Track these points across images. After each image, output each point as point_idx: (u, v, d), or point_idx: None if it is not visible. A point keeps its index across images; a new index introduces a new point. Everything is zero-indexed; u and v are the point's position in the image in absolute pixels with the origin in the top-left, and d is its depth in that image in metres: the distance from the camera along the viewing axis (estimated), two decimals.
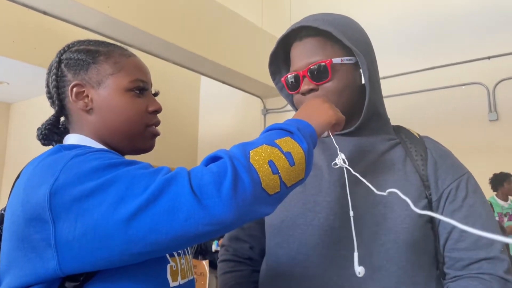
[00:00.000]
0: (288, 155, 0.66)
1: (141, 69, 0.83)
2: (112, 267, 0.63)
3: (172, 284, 0.72)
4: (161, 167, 0.64)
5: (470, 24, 4.75)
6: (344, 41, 0.84)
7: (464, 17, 4.80)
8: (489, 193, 4.20)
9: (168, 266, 0.72)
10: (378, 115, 0.92)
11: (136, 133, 0.80)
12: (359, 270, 0.72)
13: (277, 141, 0.67)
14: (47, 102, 0.84)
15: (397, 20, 5.20)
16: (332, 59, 0.86)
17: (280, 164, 0.65)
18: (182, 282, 0.76)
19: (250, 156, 0.63)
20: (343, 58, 0.87)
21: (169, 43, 4.29)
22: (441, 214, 0.86)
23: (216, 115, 6.84)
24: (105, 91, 0.78)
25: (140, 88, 0.81)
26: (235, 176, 0.59)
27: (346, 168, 0.79)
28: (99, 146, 0.78)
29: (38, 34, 4.51)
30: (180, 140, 6.47)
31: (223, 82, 5.66)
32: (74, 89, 0.78)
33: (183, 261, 0.78)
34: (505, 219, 4.08)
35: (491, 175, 4.22)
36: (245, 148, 0.65)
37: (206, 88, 7.12)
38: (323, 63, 0.86)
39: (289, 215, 0.90)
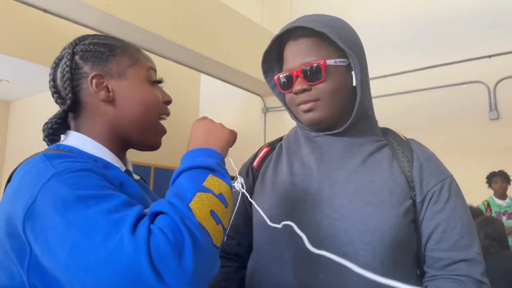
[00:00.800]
0: (221, 198, 0.64)
1: (150, 60, 0.87)
2: None
3: None
4: (129, 212, 0.59)
5: (471, 23, 4.74)
6: (338, 43, 0.86)
7: (464, 15, 4.79)
8: (488, 192, 4.20)
9: None
10: (366, 117, 0.94)
11: (151, 124, 0.82)
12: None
13: (206, 184, 0.64)
14: (47, 100, 0.84)
15: (397, 18, 5.19)
16: (326, 60, 0.88)
17: (220, 211, 0.63)
18: None
19: (193, 211, 0.60)
20: (336, 59, 0.89)
21: (169, 41, 4.28)
22: (424, 214, 0.89)
23: (216, 114, 6.84)
24: (127, 82, 0.80)
25: (154, 78, 0.84)
26: (194, 244, 0.56)
27: (243, 193, 0.79)
28: (97, 147, 0.78)
29: (38, 31, 4.51)
30: (180, 138, 6.46)
31: (223, 81, 5.66)
32: (94, 80, 0.78)
33: None
34: (504, 217, 4.07)
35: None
36: (183, 200, 0.61)
37: (206, 86, 7.12)
38: (317, 64, 0.87)
39: (277, 212, 0.92)
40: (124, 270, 0.53)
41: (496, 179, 4.12)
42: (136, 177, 0.88)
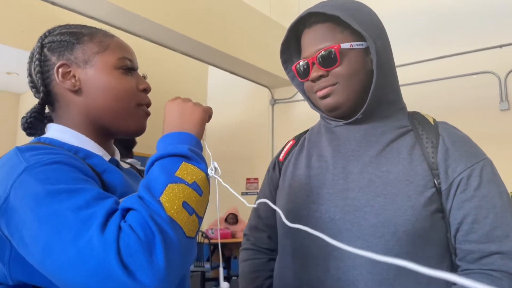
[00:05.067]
0: (195, 186, 0.63)
1: (126, 48, 0.83)
2: None
3: None
4: (99, 207, 0.58)
5: (482, 13, 4.67)
6: (352, 24, 0.84)
7: (475, 5, 4.72)
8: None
9: None
10: (387, 101, 0.90)
11: (127, 112, 0.79)
12: (224, 286, 0.70)
13: (178, 174, 0.63)
14: None
15: (407, 8, 5.13)
16: (341, 44, 0.86)
17: (193, 201, 0.62)
18: None
19: (163, 204, 0.58)
20: (352, 43, 0.87)
21: (177, 33, 4.28)
22: (452, 203, 0.83)
23: (224, 106, 6.84)
24: (93, 70, 0.77)
25: (128, 66, 0.80)
26: (165, 240, 0.55)
27: (218, 179, 0.73)
28: (78, 137, 0.77)
29: (46, 24, 4.50)
30: None
31: (231, 72, 5.65)
32: (60, 70, 0.77)
33: None
34: None
35: (502, 166, 4.17)
36: (154, 193, 0.60)
37: (214, 78, 7.11)
38: (331, 49, 0.85)
39: (293, 206, 0.92)
40: (95, 269, 0.53)
41: None
42: (125, 166, 0.87)
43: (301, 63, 0.91)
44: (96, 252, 0.53)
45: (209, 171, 0.69)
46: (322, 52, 0.86)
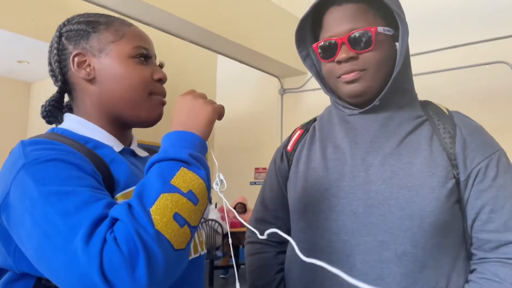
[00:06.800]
0: (189, 195, 0.61)
1: (143, 37, 0.82)
2: None
3: None
4: (88, 213, 0.58)
5: (495, 1, 4.58)
6: (391, 5, 0.80)
7: None
8: None
9: None
10: (403, 90, 0.89)
11: (140, 101, 0.78)
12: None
13: (174, 182, 0.60)
14: None
15: None
16: (377, 27, 0.82)
17: (186, 211, 0.59)
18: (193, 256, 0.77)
19: (153, 216, 0.57)
20: (384, 28, 0.84)
21: (187, 21, 4.26)
22: (469, 194, 0.83)
23: (233, 95, 6.83)
24: (107, 59, 0.77)
25: (143, 55, 0.79)
26: (149, 256, 0.54)
27: (222, 197, 0.70)
28: (89, 127, 0.78)
29: (57, 13, 4.53)
30: None
31: (240, 62, 5.63)
32: (76, 59, 0.77)
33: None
34: None
35: None
36: (145, 203, 0.58)
37: (223, 67, 7.10)
38: (367, 30, 0.82)
39: (312, 200, 0.89)
40: (80, 279, 0.54)
41: None
42: (143, 154, 0.87)
43: (327, 41, 0.85)
44: (81, 264, 0.54)
45: (214, 185, 0.66)
46: (356, 32, 0.82)
